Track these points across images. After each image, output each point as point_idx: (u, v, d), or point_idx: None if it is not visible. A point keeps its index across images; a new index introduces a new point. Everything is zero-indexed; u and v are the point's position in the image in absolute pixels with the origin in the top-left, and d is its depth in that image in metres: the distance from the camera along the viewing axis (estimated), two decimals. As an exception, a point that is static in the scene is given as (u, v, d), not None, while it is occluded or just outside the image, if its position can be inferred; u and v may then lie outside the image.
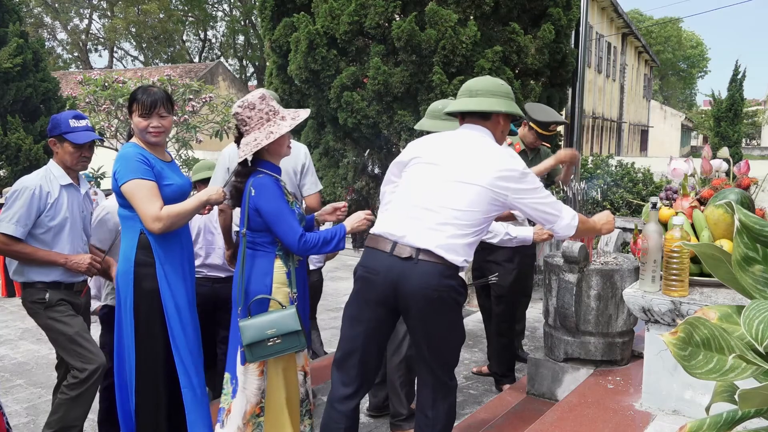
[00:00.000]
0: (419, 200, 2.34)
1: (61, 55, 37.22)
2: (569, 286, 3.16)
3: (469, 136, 2.46)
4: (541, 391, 3.39)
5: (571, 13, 6.49)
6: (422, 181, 2.38)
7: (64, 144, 3.02)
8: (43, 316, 3.00)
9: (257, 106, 2.61)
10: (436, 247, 2.25)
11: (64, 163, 3.06)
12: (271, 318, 2.53)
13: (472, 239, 2.35)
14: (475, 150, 2.40)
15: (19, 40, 9.59)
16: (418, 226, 2.29)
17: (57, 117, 3.07)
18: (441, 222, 2.29)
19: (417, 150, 2.49)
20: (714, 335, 1.15)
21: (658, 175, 8.52)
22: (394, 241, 2.29)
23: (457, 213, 2.29)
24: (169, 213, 2.58)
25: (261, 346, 2.52)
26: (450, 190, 2.32)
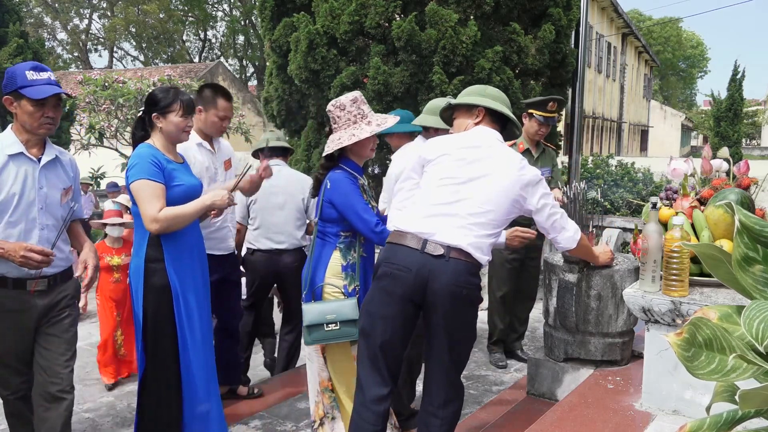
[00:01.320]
0: (449, 197, 2.37)
1: (61, 55, 37.21)
2: (569, 286, 3.16)
3: (492, 138, 2.52)
4: (541, 391, 3.39)
5: (571, 13, 6.49)
6: (451, 178, 2.40)
7: (22, 101, 2.49)
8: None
9: (347, 108, 2.81)
10: (468, 246, 2.30)
11: (24, 126, 2.53)
12: (332, 305, 2.72)
13: (494, 240, 2.43)
14: (500, 152, 2.47)
15: (19, 40, 9.60)
16: (448, 224, 2.32)
17: (12, 69, 2.53)
18: (471, 222, 2.33)
19: (443, 147, 2.50)
20: (716, 336, 1.15)
21: (658, 175, 8.53)
22: (424, 238, 2.31)
23: (485, 212, 2.35)
24: (167, 215, 2.63)
25: (319, 330, 2.70)
26: (479, 188, 2.37)
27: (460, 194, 2.37)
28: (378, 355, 2.38)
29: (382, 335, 2.37)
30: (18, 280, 2.49)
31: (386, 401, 2.43)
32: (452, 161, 2.44)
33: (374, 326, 2.38)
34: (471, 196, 2.36)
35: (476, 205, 2.35)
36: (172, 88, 2.85)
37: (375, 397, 2.41)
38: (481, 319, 5.13)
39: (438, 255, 2.28)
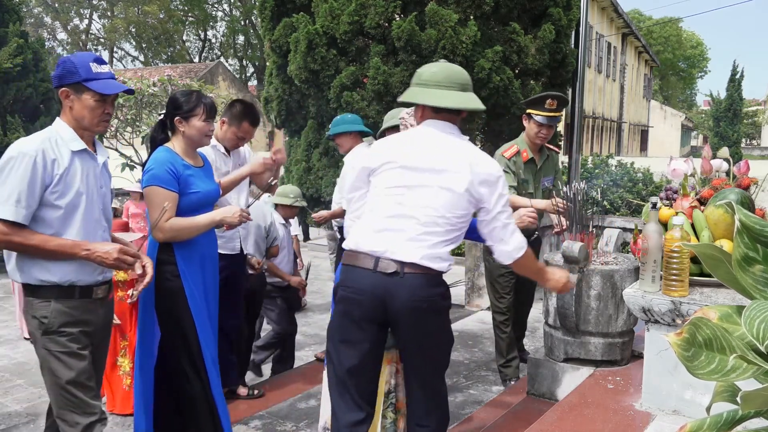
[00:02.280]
0: (397, 209, 2.20)
1: (61, 55, 37.20)
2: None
3: (442, 136, 2.29)
4: (541, 391, 3.39)
5: (571, 13, 6.48)
6: (399, 188, 2.22)
7: (83, 95, 2.27)
8: (39, 341, 2.26)
9: None
10: (421, 259, 2.15)
11: (79, 122, 2.31)
12: None
13: (455, 244, 2.29)
14: (451, 149, 2.26)
15: (19, 40, 9.59)
16: (399, 238, 2.17)
17: (71, 60, 2.30)
18: (423, 231, 2.18)
19: (387, 154, 2.29)
20: (716, 335, 1.15)
21: (658, 175, 8.53)
22: (376, 257, 2.17)
23: (439, 220, 2.19)
24: (172, 226, 2.64)
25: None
26: (430, 196, 2.20)
27: (409, 204, 2.20)
28: (346, 381, 2.27)
29: (348, 361, 2.25)
30: (86, 288, 2.30)
31: (362, 425, 2.31)
32: (397, 168, 2.24)
33: (338, 352, 2.27)
34: (421, 205, 2.19)
35: (427, 213, 2.19)
36: (194, 92, 2.81)
37: (349, 423, 2.30)
38: (480, 318, 5.15)
39: (391, 273, 2.14)
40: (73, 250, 2.21)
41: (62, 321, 2.23)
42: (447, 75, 2.26)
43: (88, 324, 2.31)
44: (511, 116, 6.02)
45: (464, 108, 2.28)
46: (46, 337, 2.23)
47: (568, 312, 3.18)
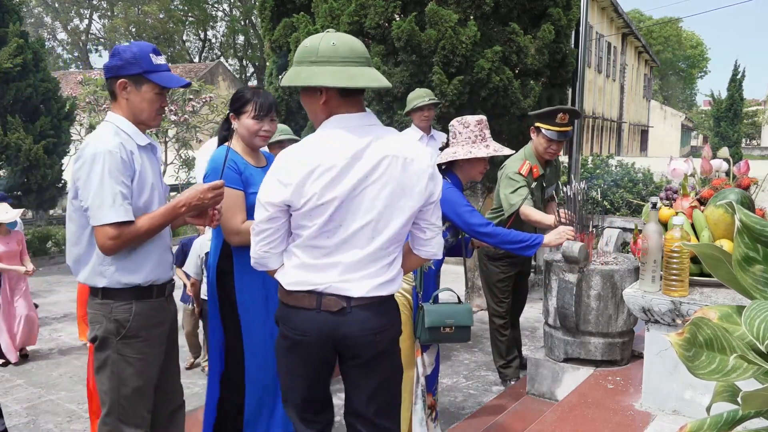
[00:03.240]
0: (334, 237, 1.87)
1: (61, 55, 37.22)
2: (569, 286, 3.15)
3: (355, 131, 1.86)
4: (541, 391, 3.39)
5: (571, 13, 6.48)
6: (334, 210, 1.84)
7: (143, 87, 2.15)
8: (112, 345, 2.17)
9: (471, 127, 2.92)
10: (369, 291, 1.90)
11: (136, 116, 2.19)
12: (452, 309, 2.77)
13: (401, 258, 2.02)
14: (392, 149, 1.86)
15: (19, 40, 9.59)
16: (341, 271, 1.88)
17: (130, 50, 2.15)
18: (369, 260, 1.89)
19: (305, 167, 1.82)
20: (716, 335, 1.15)
21: (658, 175, 8.53)
22: (318, 293, 1.90)
23: (385, 241, 1.89)
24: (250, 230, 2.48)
25: (435, 332, 2.74)
26: (376, 214, 1.86)
27: (353, 228, 1.86)
28: (300, 405, 2.08)
29: (299, 391, 2.04)
30: (161, 287, 2.25)
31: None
32: (324, 185, 1.81)
33: (287, 378, 2.06)
34: (368, 228, 1.87)
35: (375, 236, 1.87)
36: (252, 88, 2.65)
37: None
38: (480, 318, 5.15)
39: (337, 311, 1.90)
40: (175, 211, 2.16)
41: (142, 324, 2.19)
42: (351, 47, 1.84)
43: (163, 324, 2.28)
44: (511, 116, 6.01)
45: (384, 86, 1.89)
46: (122, 342, 2.17)
47: (568, 312, 3.18)
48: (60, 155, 10.35)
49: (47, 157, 9.83)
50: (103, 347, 2.20)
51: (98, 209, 2.04)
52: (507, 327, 4.04)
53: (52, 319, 6.08)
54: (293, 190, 1.81)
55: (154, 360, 2.25)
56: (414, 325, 2.83)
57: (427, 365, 2.90)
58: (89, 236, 2.14)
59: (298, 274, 1.92)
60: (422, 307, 2.79)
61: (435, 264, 2.96)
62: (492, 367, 4.39)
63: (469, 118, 2.96)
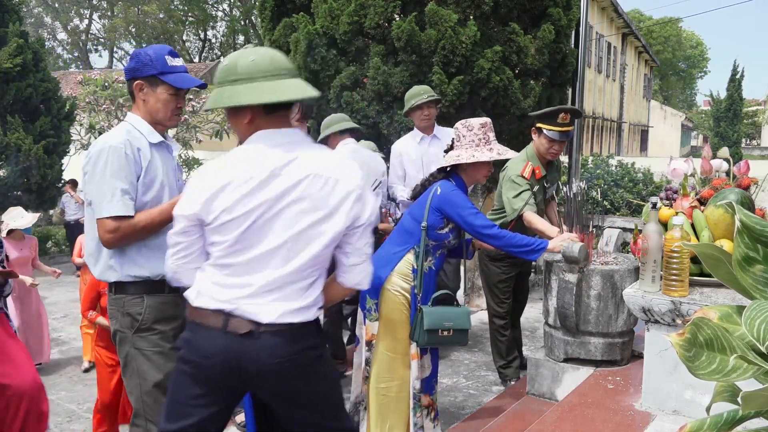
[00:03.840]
0: (246, 255, 1.76)
1: (61, 55, 37.21)
2: (569, 286, 3.15)
3: (293, 147, 1.79)
4: (541, 391, 3.39)
5: (571, 13, 6.48)
6: (246, 227, 1.74)
7: (158, 89, 2.23)
8: (129, 340, 2.21)
9: (475, 130, 2.92)
10: (280, 317, 1.76)
11: (153, 116, 2.26)
12: (451, 312, 2.79)
13: (324, 278, 1.91)
14: (317, 168, 1.78)
15: (19, 40, 9.59)
16: (250, 293, 1.77)
17: (146, 52, 2.22)
18: (282, 282, 1.78)
19: (223, 180, 1.74)
20: (717, 336, 1.15)
21: (658, 175, 8.53)
22: (226, 313, 1.76)
23: (302, 264, 1.78)
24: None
25: (434, 335, 2.75)
26: (293, 235, 1.76)
27: (270, 246, 1.76)
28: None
29: (190, 417, 1.83)
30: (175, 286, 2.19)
31: None
32: (235, 200, 1.73)
33: (174, 411, 1.86)
34: (285, 247, 1.76)
35: (292, 258, 1.77)
36: None
37: None
38: (480, 318, 5.15)
39: (245, 333, 1.75)
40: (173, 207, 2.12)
41: (155, 317, 2.21)
42: (271, 60, 1.77)
43: (177, 319, 2.22)
44: (511, 116, 6.01)
45: (311, 96, 1.80)
46: (137, 335, 2.20)
47: (568, 312, 3.18)
48: (60, 155, 10.35)
49: (47, 157, 9.83)
50: (122, 343, 2.24)
51: (99, 203, 2.11)
52: (507, 327, 4.04)
53: (51, 319, 6.08)
54: (203, 203, 1.75)
55: (171, 354, 2.18)
56: (412, 327, 2.83)
57: (426, 367, 2.90)
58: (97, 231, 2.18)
59: (207, 291, 1.81)
60: (421, 310, 2.79)
61: (435, 264, 2.95)
62: (492, 367, 4.39)
63: (473, 121, 2.94)
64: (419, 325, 2.77)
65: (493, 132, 2.98)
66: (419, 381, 2.85)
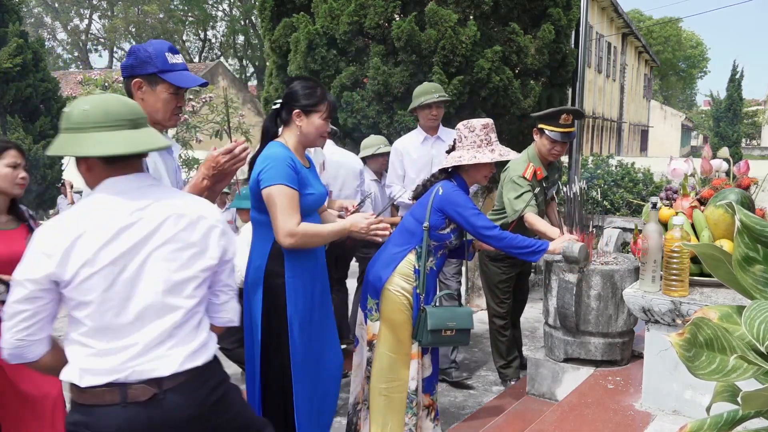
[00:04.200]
0: (125, 313, 1.63)
1: (61, 55, 37.22)
2: (569, 286, 3.15)
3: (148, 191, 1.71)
4: (541, 391, 3.39)
5: (571, 13, 6.48)
6: (114, 279, 1.61)
7: (158, 87, 2.11)
8: None
9: (476, 131, 2.90)
10: (182, 364, 1.67)
11: (151, 116, 2.08)
12: (453, 312, 2.82)
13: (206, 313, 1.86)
14: (176, 208, 1.71)
15: (19, 40, 9.59)
16: (142, 350, 1.63)
17: (145, 49, 2.11)
18: (173, 328, 1.67)
19: (75, 234, 1.59)
20: (717, 336, 1.15)
21: (658, 175, 8.52)
22: (119, 384, 1.61)
23: (186, 306, 1.70)
24: (306, 231, 2.41)
25: (436, 334, 2.76)
26: (169, 279, 1.67)
27: (134, 301, 1.63)
28: None
29: None
30: None
31: None
32: (96, 250, 1.59)
33: None
34: (151, 298, 1.65)
35: (165, 307, 1.66)
36: (318, 85, 2.57)
37: None
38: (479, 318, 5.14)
39: (148, 400, 1.63)
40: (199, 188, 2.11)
41: None
42: (105, 111, 1.65)
43: None
44: (511, 116, 6.01)
45: (147, 149, 1.70)
46: None
47: (568, 312, 3.18)
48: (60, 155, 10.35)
49: (47, 157, 9.83)
50: None
51: None
52: (508, 327, 4.04)
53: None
54: (58, 260, 1.56)
55: None
56: (414, 327, 2.82)
57: (427, 367, 2.90)
58: None
59: (91, 366, 1.62)
60: (424, 310, 2.78)
61: (437, 264, 2.96)
62: (492, 367, 4.39)
63: (475, 121, 2.93)
64: (423, 325, 2.77)
65: (495, 133, 2.97)
66: (415, 381, 2.85)
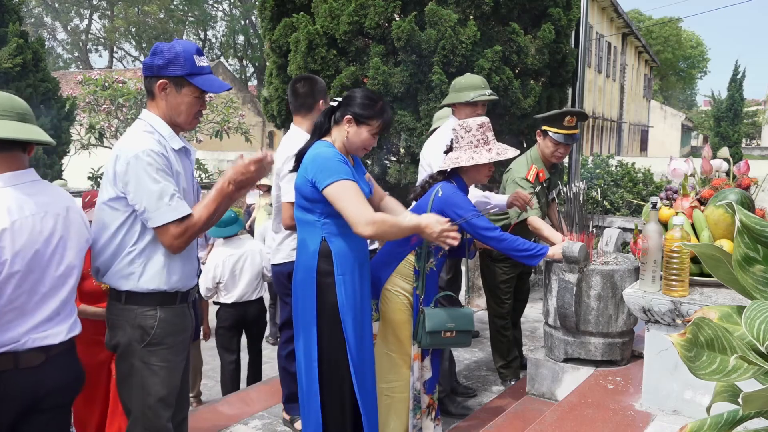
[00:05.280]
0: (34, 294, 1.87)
1: (61, 55, 37.22)
2: (569, 286, 3.15)
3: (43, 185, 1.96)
4: (541, 391, 3.39)
5: (571, 13, 6.48)
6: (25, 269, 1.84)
7: (183, 90, 2.10)
8: (135, 353, 2.11)
9: (473, 131, 2.88)
10: (67, 334, 1.96)
11: (173, 118, 2.13)
12: (453, 313, 2.78)
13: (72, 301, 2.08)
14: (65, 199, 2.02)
15: (19, 40, 9.59)
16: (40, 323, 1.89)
17: (175, 49, 2.08)
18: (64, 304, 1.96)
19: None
20: (717, 336, 1.15)
21: (658, 175, 8.52)
22: (13, 352, 1.83)
23: (72, 284, 2.00)
24: (384, 220, 2.41)
25: (436, 336, 2.74)
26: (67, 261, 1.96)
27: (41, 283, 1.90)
28: None
29: None
30: (185, 293, 2.20)
31: None
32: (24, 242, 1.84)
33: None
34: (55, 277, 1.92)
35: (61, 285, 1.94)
36: (381, 100, 2.58)
37: None
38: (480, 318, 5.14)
39: (39, 364, 1.88)
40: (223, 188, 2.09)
41: (167, 331, 2.12)
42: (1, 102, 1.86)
43: (186, 331, 2.21)
44: (511, 116, 6.01)
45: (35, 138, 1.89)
46: (146, 349, 2.09)
47: (568, 312, 3.18)
48: (60, 155, 10.35)
49: (47, 157, 9.83)
50: (127, 355, 2.13)
51: (155, 210, 2.00)
52: (508, 328, 4.04)
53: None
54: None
55: (178, 367, 2.19)
56: (414, 328, 2.81)
57: (427, 368, 2.90)
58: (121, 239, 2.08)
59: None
60: (423, 311, 2.77)
61: (437, 265, 2.94)
62: (492, 367, 4.39)
63: (471, 121, 2.91)
64: (421, 327, 2.76)
65: (492, 132, 2.95)
66: (420, 382, 2.85)
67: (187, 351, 2.28)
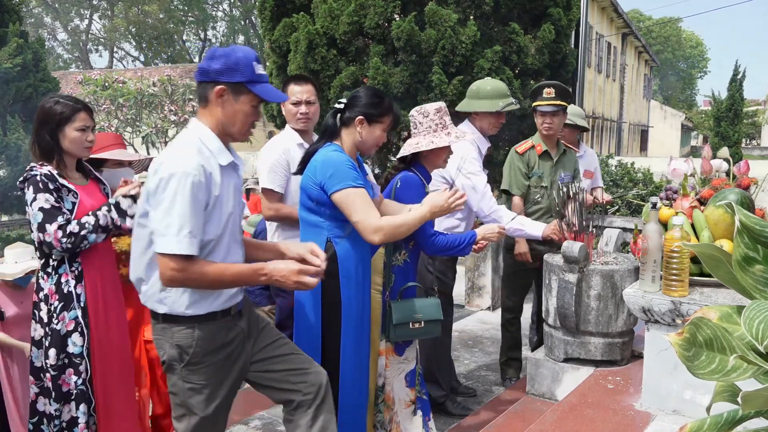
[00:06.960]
0: None
1: (61, 55, 37.23)
2: (569, 286, 3.15)
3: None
4: (541, 391, 3.39)
5: (571, 13, 6.49)
6: None
7: (241, 98, 1.97)
8: (177, 373, 2.02)
9: (431, 116, 2.85)
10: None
11: (226, 128, 1.99)
12: (420, 303, 2.75)
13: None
14: None
15: (19, 40, 9.59)
16: None
17: (236, 54, 1.95)
18: None
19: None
20: (716, 335, 1.15)
21: (658, 175, 8.52)
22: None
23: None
24: (391, 223, 2.39)
25: (404, 328, 2.71)
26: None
27: None
28: None
29: None
30: (227, 310, 2.06)
31: None
32: None
33: None
34: None
35: None
36: (386, 97, 2.54)
37: None
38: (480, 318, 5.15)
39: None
40: (252, 278, 1.98)
41: (206, 349, 2.00)
42: None
43: (231, 344, 2.07)
44: (511, 116, 6.03)
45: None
46: (186, 369, 2.00)
47: (568, 312, 3.18)
48: (60, 155, 10.34)
49: (47, 157, 9.82)
50: (170, 373, 2.05)
51: (162, 236, 1.86)
52: (514, 323, 4.09)
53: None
54: None
55: (224, 384, 2.07)
56: (382, 323, 2.74)
57: (410, 359, 2.85)
58: (149, 260, 1.98)
59: None
60: (389, 304, 2.71)
61: (410, 257, 2.84)
62: (492, 367, 4.40)
63: (428, 106, 2.87)
64: (388, 320, 2.71)
65: (449, 116, 2.90)
66: (382, 378, 2.78)
67: (241, 362, 2.14)
